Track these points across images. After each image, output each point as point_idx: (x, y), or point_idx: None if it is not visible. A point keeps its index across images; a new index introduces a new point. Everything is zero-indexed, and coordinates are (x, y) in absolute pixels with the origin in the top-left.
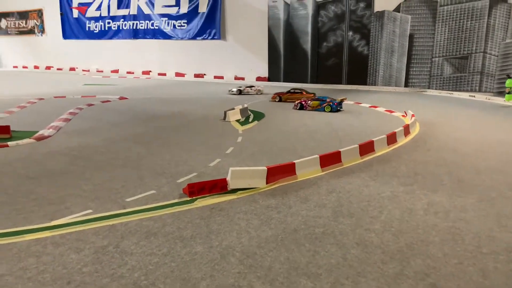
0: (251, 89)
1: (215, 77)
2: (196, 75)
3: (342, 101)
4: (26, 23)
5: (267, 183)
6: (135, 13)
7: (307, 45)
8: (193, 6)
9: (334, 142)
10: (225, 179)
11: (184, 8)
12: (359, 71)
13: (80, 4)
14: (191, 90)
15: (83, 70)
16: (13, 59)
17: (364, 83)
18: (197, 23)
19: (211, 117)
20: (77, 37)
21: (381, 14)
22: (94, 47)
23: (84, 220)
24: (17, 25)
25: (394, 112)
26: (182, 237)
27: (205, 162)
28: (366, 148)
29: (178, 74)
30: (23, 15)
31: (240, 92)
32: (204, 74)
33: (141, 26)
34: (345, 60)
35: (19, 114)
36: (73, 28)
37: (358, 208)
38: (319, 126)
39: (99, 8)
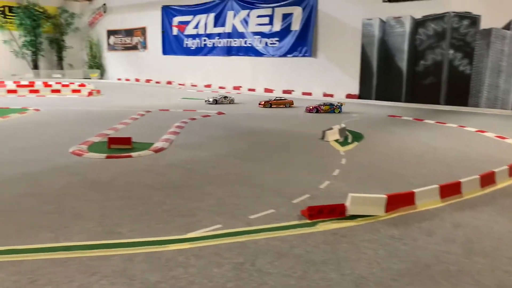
0: (225, 99)
1: (303, 93)
2: (285, 91)
3: (342, 104)
4: (131, 40)
5: (386, 211)
6: (230, 31)
7: (403, 63)
8: (286, 24)
9: (444, 169)
10: (344, 204)
11: (277, 26)
12: (460, 92)
13: (180, 22)
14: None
15: (179, 84)
16: (118, 72)
17: (465, 104)
18: (289, 40)
19: (307, 135)
20: (175, 53)
21: (488, 32)
22: (190, 63)
23: (217, 235)
24: (123, 42)
25: (506, 138)
26: (313, 261)
27: (314, 184)
28: (487, 179)
29: (267, 90)
30: (129, 32)
31: (216, 102)
32: (293, 90)
33: (235, 43)
34: (445, 80)
35: (133, 126)
36: (172, 44)
37: (491, 247)
38: (422, 150)
39: (196, 26)
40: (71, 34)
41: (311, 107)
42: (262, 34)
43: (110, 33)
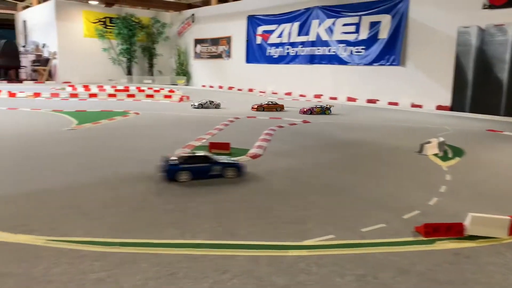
0: (210, 103)
1: (389, 103)
2: (369, 101)
3: (331, 107)
4: (217, 48)
5: (509, 234)
6: (314, 39)
7: (503, 74)
8: (373, 32)
9: None
10: (462, 223)
11: (363, 35)
12: None
13: (264, 31)
14: (367, 116)
15: (259, 91)
16: (203, 79)
17: None
18: (375, 49)
19: (402, 148)
20: (258, 61)
21: None
22: (271, 71)
23: (334, 245)
24: (208, 50)
25: None
26: (437, 280)
27: (422, 200)
28: None
29: (349, 99)
30: (215, 41)
31: (201, 106)
32: (377, 100)
33: (318, 52)
34: None
35: (225, 132)
36: (255, 53)
37: None
38: None
39: (280, 35)
40: (162, 43)
41: (305, 109)
42: (347, 43)
43: (197, 42)
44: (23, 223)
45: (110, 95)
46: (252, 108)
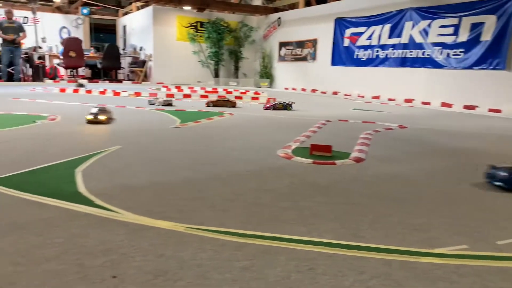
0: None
1: (490, 110)
2: (466, 107)
3: (292, 103)
4: (301, 51)
5: None
6: (406, 42)
7: None
8: (475, 34)
9: None
10: None
11: (463, 37)
12: None
13: (352, 34)
14: (468, 123)
15: (344, 95)
16: (286, 81)
17: None
18: (477, 52)
19: None
20: (344, 64)
21: None
22: (358, 74)
23: (470, 255)
24: (293, 53)
25: None
26: None
27: None
28: None
29: (444, 104)
30: (300, 44)
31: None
32: (476, 106)
33: (411, 54)
34: None
35: (320, 134)
36: (341, 55)
37: None
38: None
39: (370, 37)
40: (247, 46)
41: (268, 105)
42: (444, 45)
43: (282, 44)
44: (160, 210)
45: (202, 96)
46: (207, 104)
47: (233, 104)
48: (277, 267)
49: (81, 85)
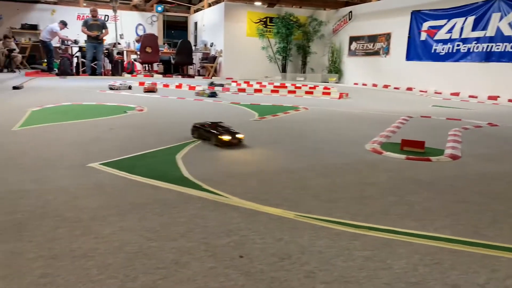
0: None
1: None
2: None
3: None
4: (374, 45)
5: None
6: (492, 34)
7: None
8: None
9: None
10: None
11: None
12: None
13: (430, 27)
14: None
15: (420, 91)
16: (355, 76)
17: None
18: None
19: None
20: (420, 59)
21: None
22: (435, 69)
23: None
24: (364, 48)
25: None
26: None
27: None
28: None
29: None
30: (372, 38)
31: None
32: None
33: (497, 48)
34: None
35: (405, 130)
36: (417, 50)
37: None
38: None
39: (450, 30)
40: (316, 41)
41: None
42: None
43: (352, 39)
44: (265, 198)
45: (272, 91)
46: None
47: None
48: (401, 259)
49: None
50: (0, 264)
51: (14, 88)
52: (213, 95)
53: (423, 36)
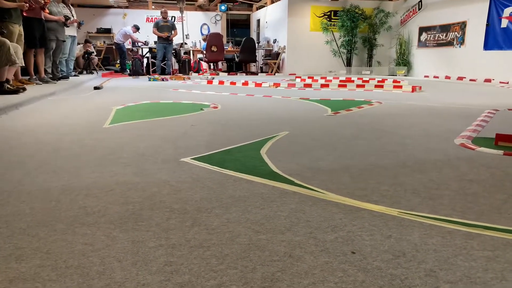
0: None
1: None
2: None
3: None
4: (446, 35)
5: None
6: None
7: None
8: None
9: None
10: None
11: None
12: None
13: None
14: None
15: (500, 82)
16: (426, 69)
17: None
18: None
19: None
20: (501, 48)
21: None
22: None
23: None
24: (436, 38)
25: None
26: None
27: None
28: None
29: None
30: (445, 28)
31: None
32: None
33: None
34: None
35: (492, 124)
36: (497, 38)
37: None
38: None
39: None
40: (382, 33)
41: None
42: None
43: (422, 29)
44: (362, 194)
45: (340, 85)
46: None
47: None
48: None
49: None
50: (129, 251)
51: (95, 88)
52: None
53: (504, 23)
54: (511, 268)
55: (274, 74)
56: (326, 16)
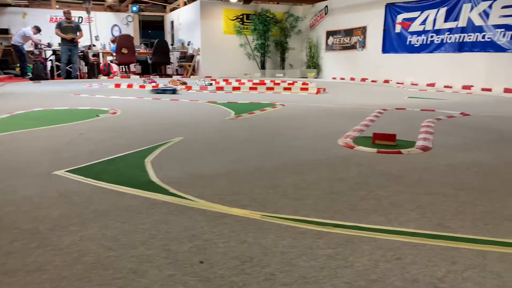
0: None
1: None
2: None
3: None
4: (350, 39)
5: None
6: (464, 25)
7: None
8: None
9: None
10: None
11: None
12: None
13: (404, 19)
14: None
15: (397, 83)
16: (333, 71)
17: None
18: None
19: None
20: (395, 51)
21: None
22: (411, 61)
23: None
24: (341, 42)
25: None
26: None
27: None
28: None
29: (507, 90)
30: (349, 32)
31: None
32: None
33: (469, 38)
34: None
35: (379, 123)
36: (393, 42)
37: None
38: None
39: (423, 22)
40: (293, 37)
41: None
42: (508, 27)
43: (329, 33)
44: (233, 199)
45: (251, 88)
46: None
47: None
48: (363, 256)
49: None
50: None
51: None
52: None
53: (398, 28)
54: (345, 265)
55: (189, 77)
56: (239, 20)
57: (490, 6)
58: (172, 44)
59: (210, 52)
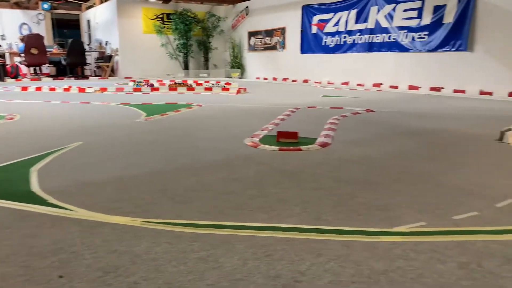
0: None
1: (455, 91)
2: (432, 89)
3: None
4: (271, 40)
5: None
6: (373, 26)
7: None
8: (437, 17)
9: None
10: None
11: (426, 20)
12: None
13: (320, 20)
14: (435, 105)
15: (315, 82)
16: (256, 71)
17: None
18: (440, 34)
19: (479, 136)
20: (313, 52)
21: None
22: (327, 61)
23: (428, 232)
24: (262, 42)
25: None
26: None
27: None
28: None
29: (411, 87)
30: (269, 33)
31: None
32: (442, 88)
33: (377, 39)
34: None
35: (289, 122)
36: (310, 43)
37: None
38: None
39: (337, 23)
40: (216, 37)
41: None
42: (409, 29)
43: (251, 34)
44: (117, 206)
45: (171, 89)
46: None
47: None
48: (235, 256)
49: None
50: None
51: None
52: None
53: (314, 29)
54: (214, 267)
55: (108, 78)
56: (159, 19)
57: (393, 9)
58: (89, 44)
59: (129, 52)
